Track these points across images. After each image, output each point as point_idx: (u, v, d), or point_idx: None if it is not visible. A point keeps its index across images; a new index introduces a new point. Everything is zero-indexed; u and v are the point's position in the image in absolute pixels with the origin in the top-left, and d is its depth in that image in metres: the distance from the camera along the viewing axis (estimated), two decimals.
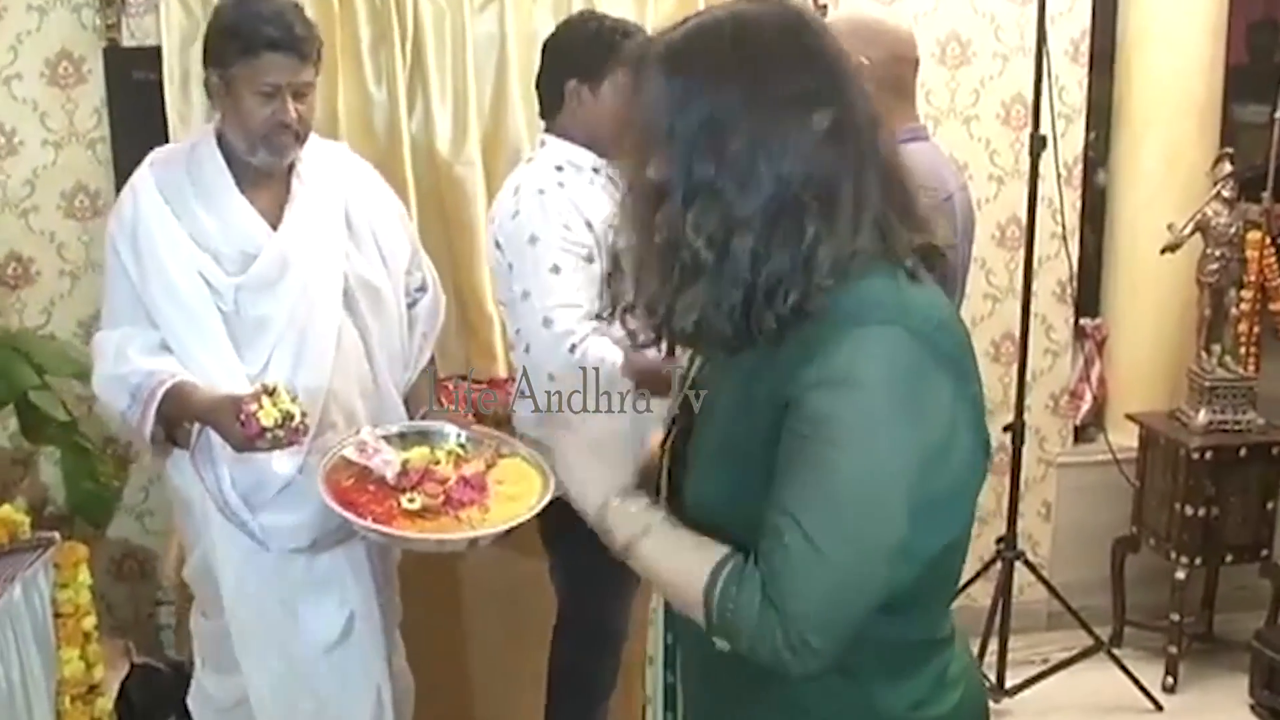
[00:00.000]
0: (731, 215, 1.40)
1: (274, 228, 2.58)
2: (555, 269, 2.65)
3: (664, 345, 1.55)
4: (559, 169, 2.76)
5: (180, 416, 2.50)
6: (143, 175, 2.62)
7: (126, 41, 3.62)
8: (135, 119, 3.61)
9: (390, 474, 2.32)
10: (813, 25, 1.47)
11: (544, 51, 2.85)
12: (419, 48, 3.59)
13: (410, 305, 2.81)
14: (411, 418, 2.68)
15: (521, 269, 2.70)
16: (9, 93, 3.61)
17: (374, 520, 2.23)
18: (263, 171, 2.58)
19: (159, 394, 2.45)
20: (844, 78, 1.44)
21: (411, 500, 2.27)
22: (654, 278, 1.46)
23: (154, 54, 3.54)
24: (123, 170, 3.58)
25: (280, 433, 2.31)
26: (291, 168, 2.61)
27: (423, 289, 2.85)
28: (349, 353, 2.62)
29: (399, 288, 2.76)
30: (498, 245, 2.78)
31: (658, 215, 1.44)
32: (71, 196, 3.68)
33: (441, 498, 2.28)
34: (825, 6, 3.73)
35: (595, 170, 2.76)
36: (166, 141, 3.48)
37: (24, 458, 3.74)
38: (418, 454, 2.40)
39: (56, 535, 2.95)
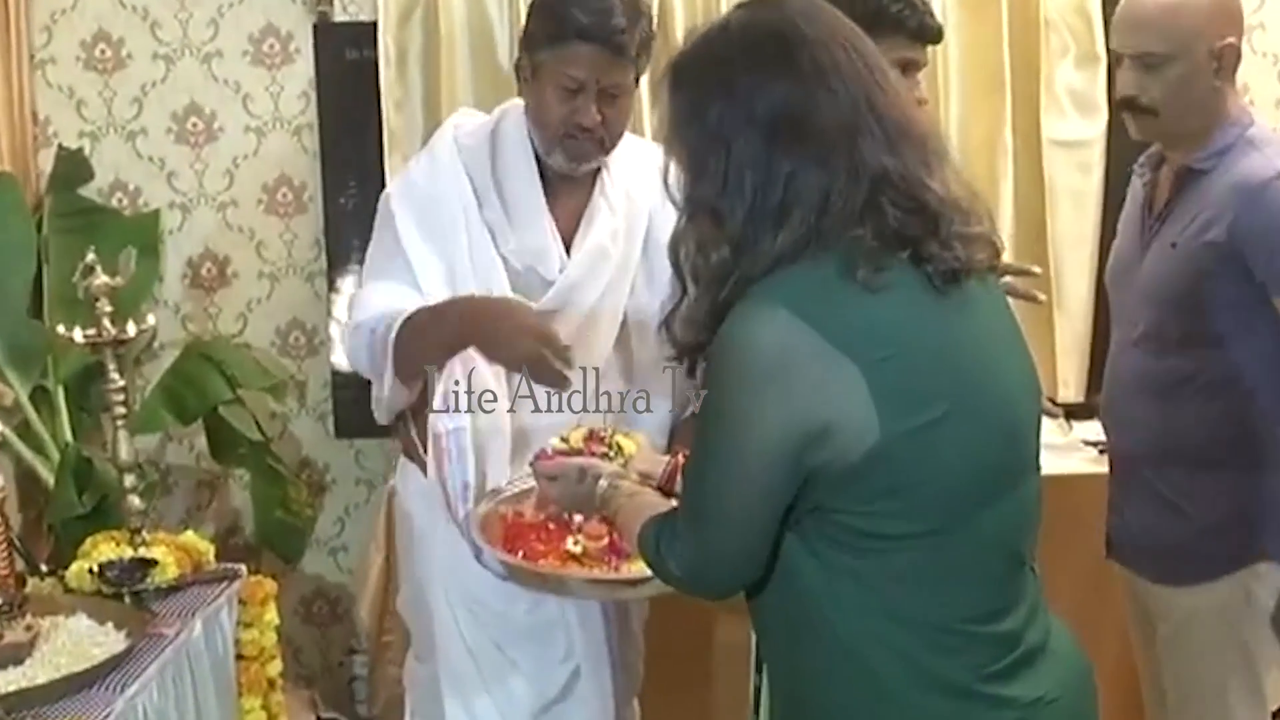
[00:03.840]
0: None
1: (568, 246, 2.37)
2: None
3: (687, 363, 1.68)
4: None
5: (423, 351, 2.24)
6: (446, 143, 2.41)
7: (339, 16, 3.50)
8: (346, 103, 3.47)
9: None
10: (792, 30, 1.55)
11: None
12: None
13: None
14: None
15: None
16: (208, 72, 3.51)
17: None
18: (564, 174, 2.34)
19: (396, 325, 2.22)
20: (818, 81, 1.52)
21: (576, 544, 2.15)
22: (709, 292, 1.58)
23: (369, 30, 3.40)
24: (330, 161, 3.48)
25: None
26: (598, 173, 2.38)
27: None
28: (610, 400, 2.40)
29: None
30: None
31: (721, 229, 1.55)
32: (274, 190, 3.56)
33: (605, 541, 2.14)
34: None
35: None
36: (379, 130, 3.37)
37: (211, 480, 3.62)
38: None
39: (243, 568, 2.81)
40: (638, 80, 2.32)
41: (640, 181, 2.40)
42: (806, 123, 1.52)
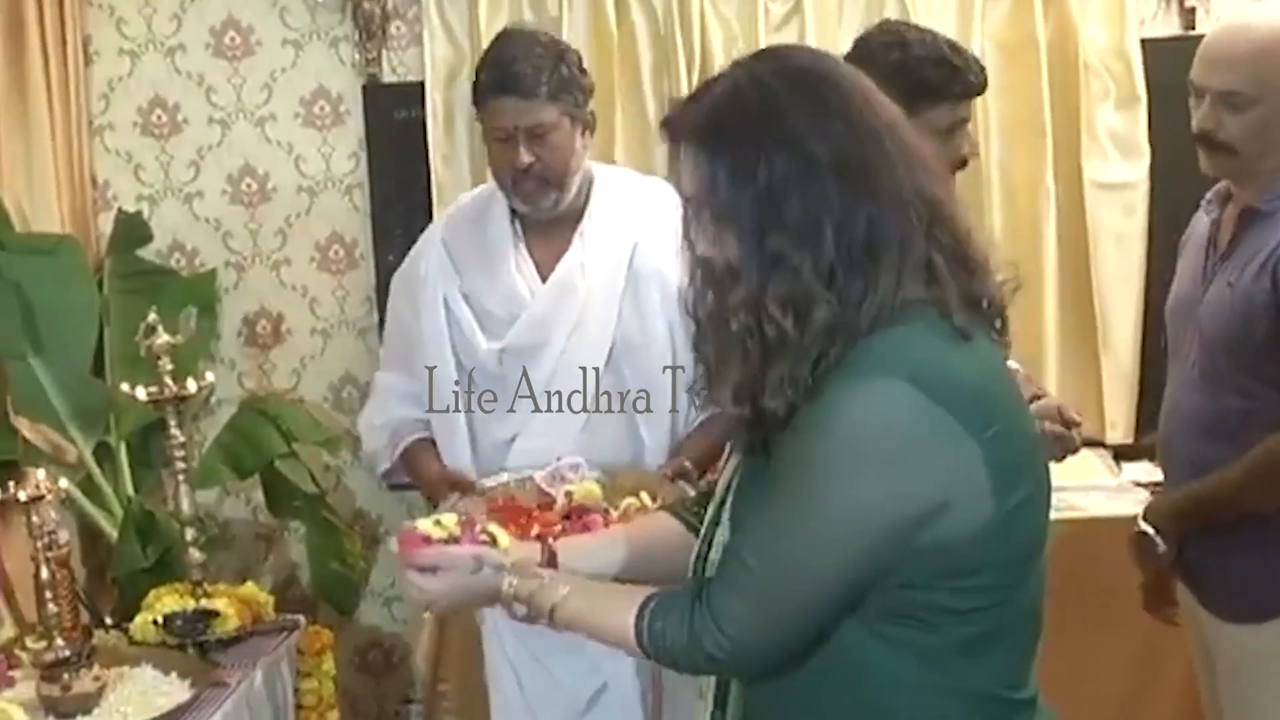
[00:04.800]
0: (803, 282, 1.46)
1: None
2: None
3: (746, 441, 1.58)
4: None
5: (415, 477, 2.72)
6: (434, 228, 2.78)
7: (387, 78, 3.58)
8: (395, 162, 3.57)
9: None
10: (826, 70, 1.54)
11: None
12: (707, 73, 3.40)
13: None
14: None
15: None
16: (262, 135, 3.60)
17: None
18: (540, 220, 2.59)
19: (399, 449, 2.70)
20: (865, 118, 1.50)
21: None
22: (737, 364, 1.51)
23: (417, 90, 3.50)
24: (380, 219, 3.57)
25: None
26: (583, 211, 2.61)
27: None
28: (609, 420, 2.60)
29: (687, 346, 2.58)
30: None
31: (731, 297, 1.50)
32: (326, 248, 3.64)
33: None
34: (1193, 10, 3.42)
35: None
36: (428, 187, 3.46)
37: (268, 533, 3.68)
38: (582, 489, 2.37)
39: (301, 619, 2.87)
40: (575, 119, 2.52)
41: (623, 215, 2.61)
42: (871, 162, 1.48)
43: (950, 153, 2.37)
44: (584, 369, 2.58)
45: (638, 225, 2.62)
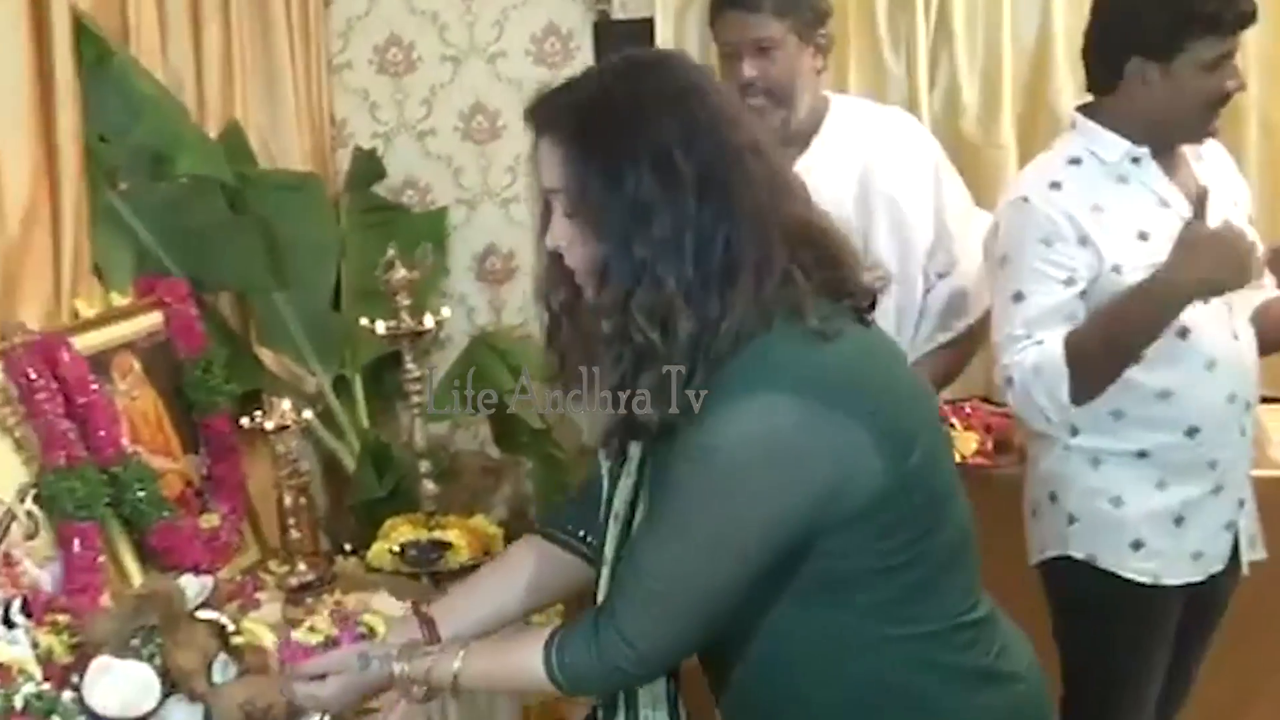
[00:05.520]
0: (667, 295, 1.48)
1: None
2: (1018, 295, 2.33)
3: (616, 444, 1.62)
4: (1073, 162, 2.40)
5: None
6: None
7: (617, 14, 3.58)
8: None
9: None
10: (697, 84, 1.54)
11: (1097, 14, 2.47)
12: (945, 11, 3.34)
13: (926, 291, 2.69)
14: None
15: (995, 296, 2.42)
16: (493, 72, 3.65)
17: None
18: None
19: None
20: (730, 136, 1.51)
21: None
22: (610, 367, 1.53)
23: (647, 26, 3.48)
24: None
25: None
26: (814, 135, 2.62)
27: (944, 274, 2.69)
28: None
29: (914, 271, 2.66)
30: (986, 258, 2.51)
31: (601, 298, 1.53)
32: None
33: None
34: None
35: (1134, 160, 2.37)
36: None
37: (496, 467, 3.75)
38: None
39: None
40: (804, 38, 2.53)
41: (855, 140, 2.64)
42: (733, 182, 1.50)
43: (1213, 87, 2.26)
44: None
45: (870, 149, 2.62)
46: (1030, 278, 2.31)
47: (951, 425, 3.32)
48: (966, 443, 3.30)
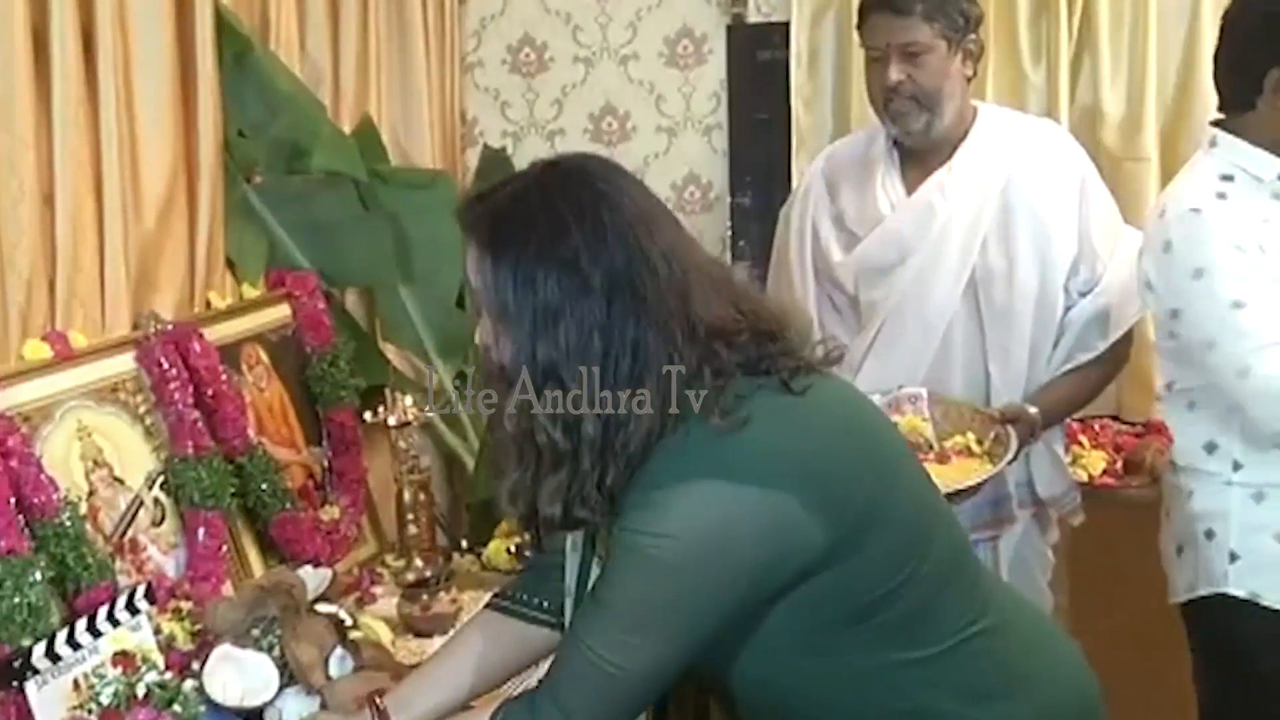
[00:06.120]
0: (572, 397, 1.54)
1: None
2: (1237, 304, 2.23)
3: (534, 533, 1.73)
4: (1225, 178, 2.32)
5: None
6: (818, 159, 2.85)
7: (752, 17, 3.56)
8: (754, 103, 3.56)
9: None
10: (609, 191, 1.59)
11: (1231, 25, 2.38)
12: (1089, 18, 3.27)
13: (1067, 309, 2.63)
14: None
15: (1193, 313, 2.30)
16: (625, 74, 3.65)
17: None
18: (918, 148, 2.61)
19: None
20: (640, 242, 1.56)
21: None
22: (513, 466, 1.61)
23: (781, 30, 3.46)
24: (736, 162, 3.56)
25: None
26: (960, 143, 2.61)
27: (1086, 292, 2.62)
28: (958, 348, 2.62)
29: (1054, 286, 2.60)
30: (1149, 285, 2.40)
31: (507, 400, 1.59)
32: (681, 189, 3.67)
33: None
34: None
35: None
36: (788, 130, 3.44)
37: None
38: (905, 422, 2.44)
39: None
40: (952, 43, 2.51)
41: (1001, 149, 2.60)
42: (642, 288, 1.54)
43: None
44: (938, 295, 2.58)
45: (1015, 159, 2.59)
46: (1241, 285, 2.23)
47: (1079, 444, 3.26)
48: (1095, 462, 3.24)
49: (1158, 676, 2.83)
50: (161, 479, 2.38)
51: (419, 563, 2.57)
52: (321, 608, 2.13)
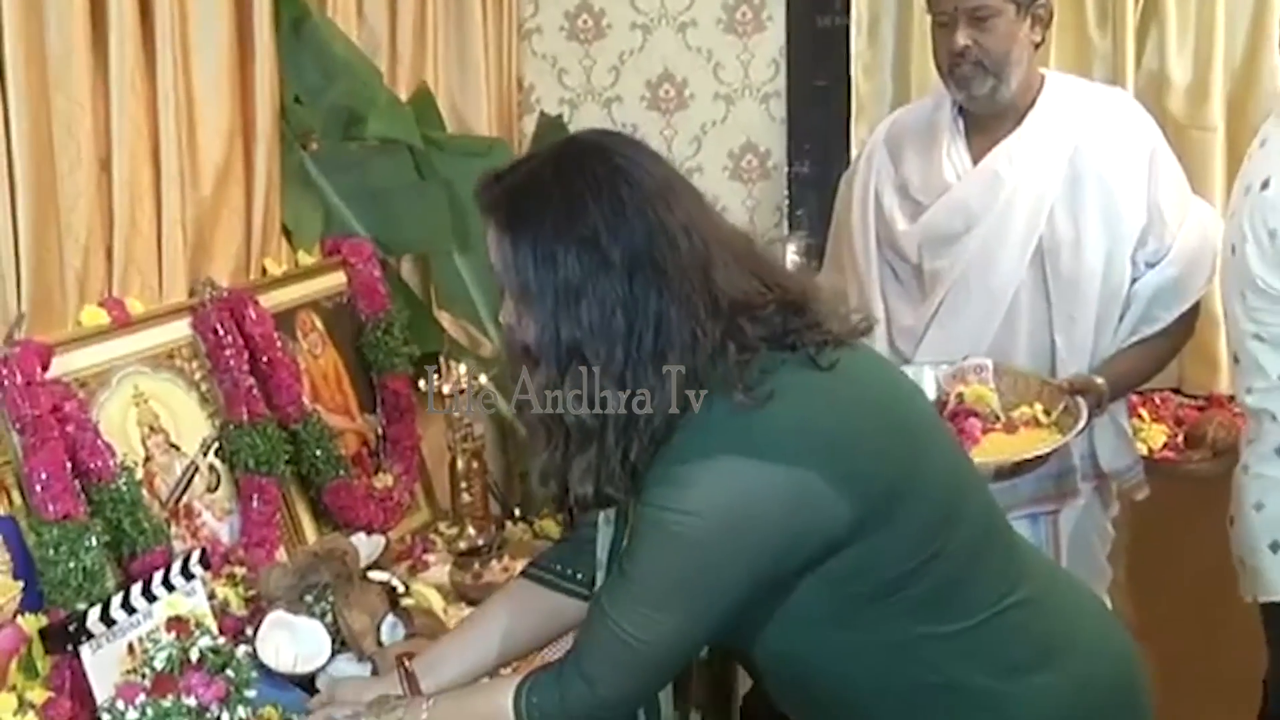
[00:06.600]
0: (596, 377, 1.54)
1: None
2: None
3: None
4: None
5: None
6: (881, 126, 2.83)
7: None
8: (813, 71, 3.52)
9: None
10: (628, 166, 1.58)
11: None
12: None
13: (1133, 280, 2.59)
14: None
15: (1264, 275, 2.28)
16: (683, 41, 3.61)
17: None
18: (983, 115, 2.58)
19: None
20: (660, 217, 1.55)
21: None
22: (541, 444, 1.63)
23: None
24: (795, 130, 3.53)
25: None
26: (1028, 110, 2.58)
27: (1154, 263, 2.59)
28: (1024, 318, 2.59)
29: (1122, 256, 2.57)
30: (1272, 234, 2.31)
31: (534, 380, 1.60)
32: (739, 157, 3.64)
33: None
34: None
35: None
36: (847, 98, 3.41)
37: None
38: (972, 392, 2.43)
39: None
40: (1021, 7, 2.47)
41: (1069, 116, 2.57)
42: (663, 263, 1.54)
43: None
44: (1004, 265, 2.55)
45: (1083, 127, 2.56)
46: None
47: (1140, 417, 3.22)
48: (1155, 436, 3.21)
49: (1215, 653, 2.80)
50: (216, 445, 2.40)
51: (471, 531, 2.58)
52: (374, 575, 2.15)
